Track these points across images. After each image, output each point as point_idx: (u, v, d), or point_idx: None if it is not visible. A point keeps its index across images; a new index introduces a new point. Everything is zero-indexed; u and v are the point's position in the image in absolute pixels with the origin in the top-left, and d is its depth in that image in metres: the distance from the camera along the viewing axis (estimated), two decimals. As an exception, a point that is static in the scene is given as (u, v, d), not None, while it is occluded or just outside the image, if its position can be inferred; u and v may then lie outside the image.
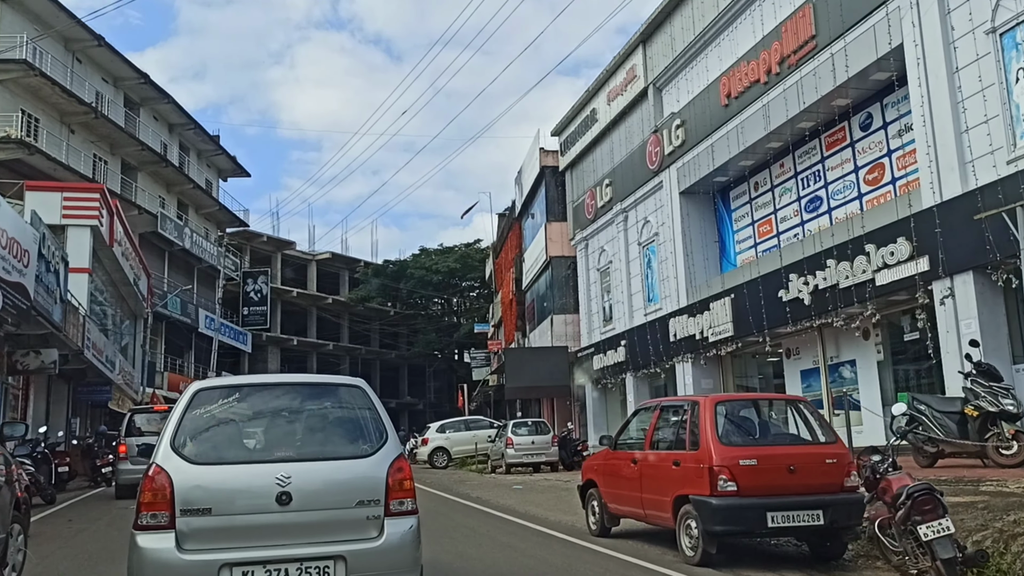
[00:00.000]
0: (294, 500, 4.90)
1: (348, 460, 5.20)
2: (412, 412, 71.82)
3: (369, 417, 5.45)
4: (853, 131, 17.85)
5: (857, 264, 15.80)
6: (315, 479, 5.03)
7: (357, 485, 5.09)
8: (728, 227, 22.72)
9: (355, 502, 5.04)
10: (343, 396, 5.62)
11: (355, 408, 5.54)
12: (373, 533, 5.03)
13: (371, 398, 5.55)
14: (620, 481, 9.11)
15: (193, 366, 48.43)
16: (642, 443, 8.88)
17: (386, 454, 5.24)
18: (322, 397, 5.69)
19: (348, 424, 5.51)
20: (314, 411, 5.61)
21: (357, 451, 5.27)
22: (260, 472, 4.99)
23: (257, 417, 5.53)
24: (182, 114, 47.78)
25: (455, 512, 13.16)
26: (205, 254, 48.72)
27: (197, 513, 4.82)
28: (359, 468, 5.16)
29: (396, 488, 5.15)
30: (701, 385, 22.23)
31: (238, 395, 5.56)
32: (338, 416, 5.57)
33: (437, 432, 30.64)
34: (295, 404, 5.61)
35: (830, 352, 18.39)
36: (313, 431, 5.52)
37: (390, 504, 5.10)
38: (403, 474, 5.22)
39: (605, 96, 27.35)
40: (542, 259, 32.29)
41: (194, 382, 5.71)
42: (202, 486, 4.89)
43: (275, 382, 6.04)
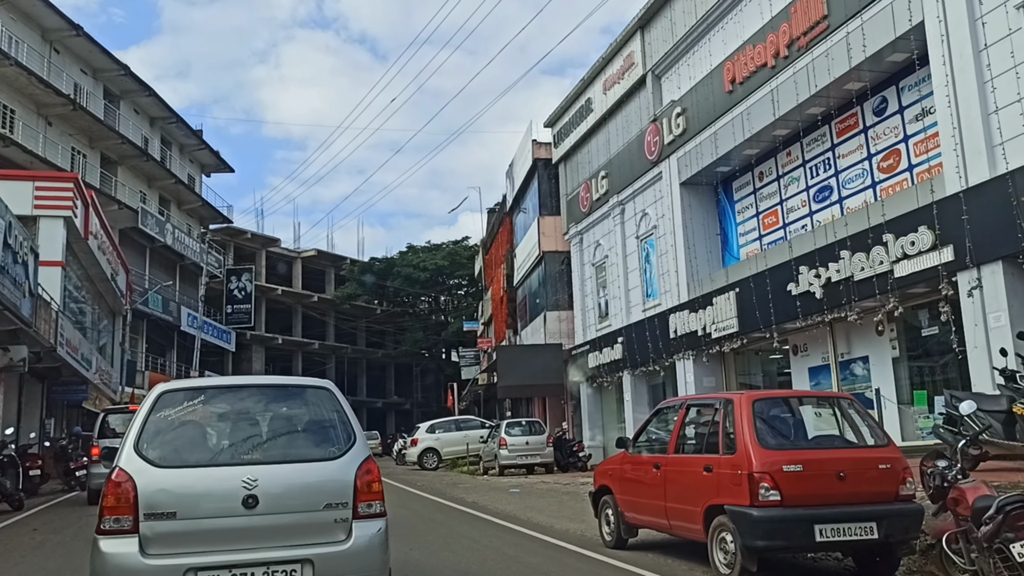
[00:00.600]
0: (261, 503, 4.86)
1: (315, 462, 5.18)
2: (399, 412, 70.90)
3: (337, 419, 5.42)
4: (866, 116, 17.02)
5: (874, 255, 14.97)
6: (282, 482, 5.00)
7: (325, 488, 5.06)
8: (731, 219, 21.88)
9: (323, 505, 5.00)
10: (310, 398, 5.58)
11: (322, 410, 5.50)
12: (341, 536, 5.01)
13: (339, 400, 5.53)
14: (640, 488, 8.23)
15: (175, 365, 47.37)
16: (666, 446, 8.00)
17: (354, 456, 5.21)
18: (289, 399, 5.64)
19: (315, 426, 5.45)
20: (281, 413, 5.56)
21: (324, 453, 5.24)
22: (226, 475, 4.94)
23: (223, 419, 5.47)
24: (164, 107, 46.67)
25: (452, 519, 12.24)
26: (188, 251, 47.69)
27: (161, 517, 4.77)
28: (327, 470, 5.14)
29: (364, 490, 5.12)
30: (703, 383, 21.38)
31: (203, 397, 5.49)
32: (305, 418, 5.51)
33: (427, 432, 29.78)
34: (261, 406, 5.55)
35: (841, 348, 17.57)
36: (280, 433, 5.47)
37: (358, 507, 5.07)
38: (371, 476, 5.19)
39: (601, 85, 26.46)
40: (535, 254, 31.40)
41: (158, 384, 5.67)
42: (167, 489, 4.84)
43: (241, 384, 6.00)
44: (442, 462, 29.23)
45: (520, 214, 35.19)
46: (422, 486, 19.77)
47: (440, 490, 18.27)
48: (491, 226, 43.98)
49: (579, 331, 28.69)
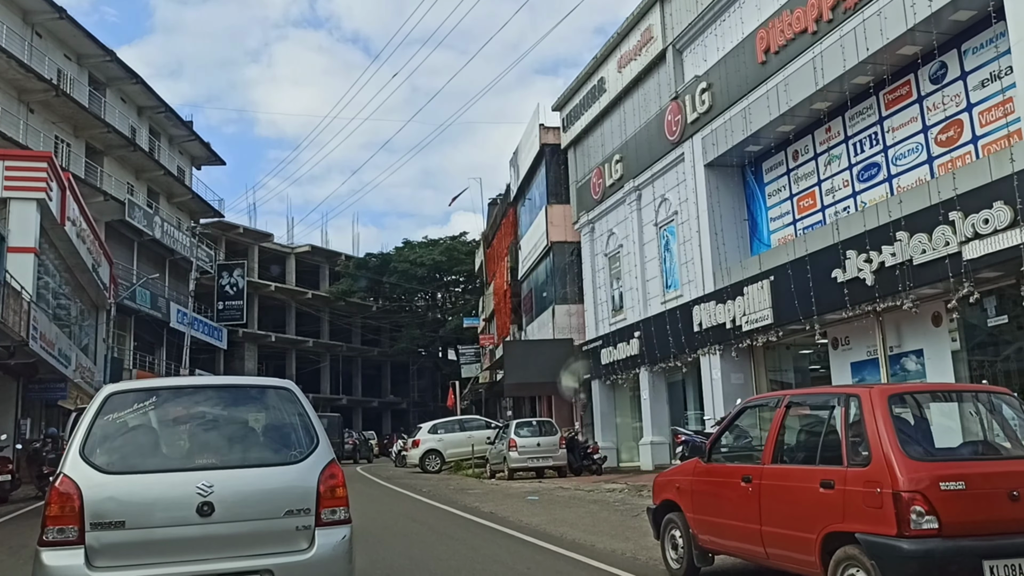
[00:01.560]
0: (216, 510, 4.66)
1: (275, 467, 4.99)
2: (395, 412, 69.29)
3: (298, 421, 5.20)
4: (921, 84, 15.43)
5: (938, 236, 13.38)
6: (239, 488, 4.79)
7: (285, 493, 4.87)
8: (760, 203, 20.28)
9: (283, 511, 4.82)
10: (270, 399, 5.35)
11: (283, 411, 5.27)
12: (303, 544, 4.82)
13: (300, 400, 5.32)
14: (722, 506, 6.61)
15: (164, 363, 45.68)
16: (759, 453, 6.38)
17: (317, 460, 5.01)
18: (247, 400, 5.42)
19: (276, 428, 5.23)
20: (238, 415, 5.31)
21: (285, 457, 5.05)
22: (179, 481, 4.72)
23: (176, 422, 5.20)
24: (152, 96, 44.93)
25: (473, 535, 10.60)
26: (177, 245, 46.02)
27: (109, 527, 4.54)
28: (287, 475, 4.94)
29: (328, 496, 4.92)
30: (731, 380, 19.80)
31: (155, 399, 5.20)
32: (265, 420, 5.28)
33: (429, 433, 28.15)
34: (218, 408, 5.28)
35: (891, 341, 15.96)
36: (237, 436, 5.22)
37: (321, 513, 4.88)
38: (335, 481, 4.99)
39: (615, 62, 24.84)
40: (542, 245, 29.76)
41: (106, 385, 5.46)
42: (115, 497, 4.60)
43: (196, 384, 5.79)
44: (445, 464, 27.60)
45: (525, 203, 33.54)
46: (429, 492, 18.14)
47: (449, 497, 16.64)
48: (493, 218, 42.32)
49: (590, 325, 27.07)
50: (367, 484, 22.90)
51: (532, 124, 31.01)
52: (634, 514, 11.76)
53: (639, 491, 14.63)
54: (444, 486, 20.45)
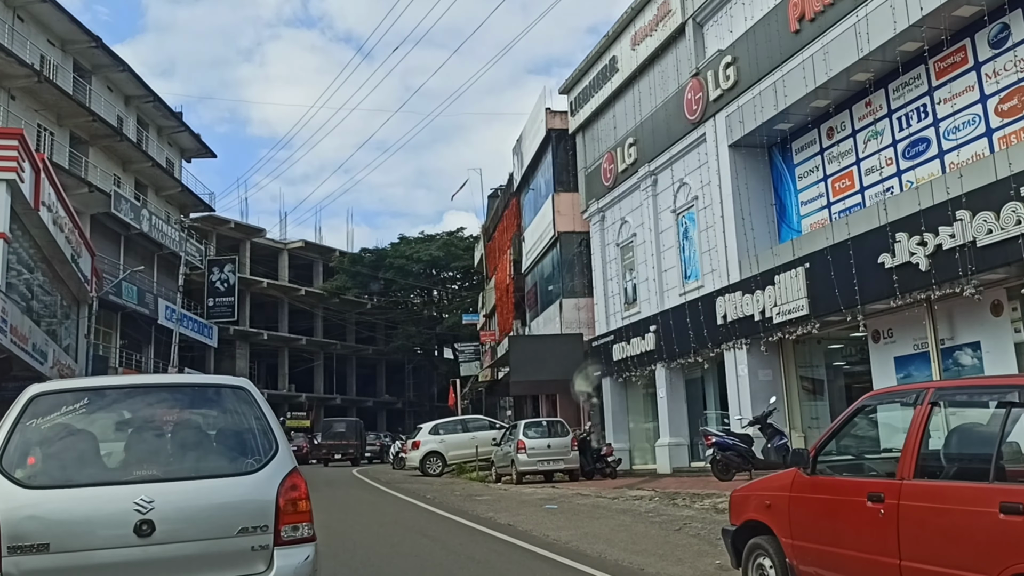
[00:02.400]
0: (158, 530, 4.11)
1: (228, 478, 4.41)
2: (391, 412, 67.84)
3: (255, 425, 4.64)
4: (979, 50, 14.00)
5: (1007, 214, 11.96)
6: (185, 503, 4.23)
7: (239, 508, 4.31)
8: (789, 186, 18.85)
9: (236, 529, 4.27)
10: (223, 400, 4.79)
11: (238, 414, 4.70)
12: (260, 567, 4.29)
13: (258, 401, 4.73)
14: (836, 531, 5.15)
15: (152, 361, 44.12)
16: (892, 464, 4.92)
17: (276, 469, 4.46)
18: (196, 402, 4.80)
19: (229, 434, 4.69)
20: (186, 419, 4.70)
21: (240, 466, 4.48)
22: (114, 496, 4.16)
23: (113, 428, 4.58)
24: (140, 85, 43.36)
25: (495, 555, 9.12)
26: (166, 239, 44.48)
27: (30, 550, 3.97)
28: (242, 487, 4.37)
29: (288, 510, 4.37)
30: (759, 377, 18.37)
31: (89, 401, 4.55)
32: (216, 424, 4.71)
33: (430, 434, 26.68)
34: (162, 411, 4.69)
35: (942, 333, 14.53)
36: (183, 444, 4.64)
37: (281, 530, 4.34)
38: (297, 493, 4.45)
39: (629, 40, 23.37)
40: (548, 235, 28.27)
41: (32, 385, 4.68)
42: (37, 516, 4.05)
43: (137, 384, 5.12)
44: (447, 467, 26.13)
45: (529, 193, 32.05)
46: (434, 499, 16.66)
47: (458, 505, 15.16)
48: (495, 209, 40.81)
49: (601, 320, 25.61)
50: (365, 489, 21.42)
51: (537, 109, 29.53)
52: (675, 527, 10.31)
53: (671, 499, 13.18)
54: (449, 492, 18.97)
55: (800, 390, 18.48)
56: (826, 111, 17.08)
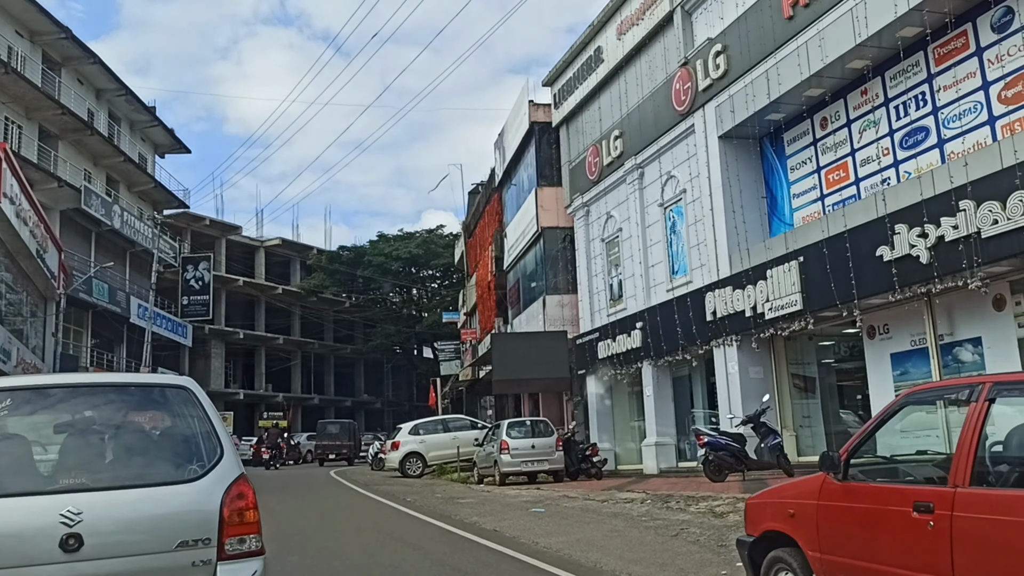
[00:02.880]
0: (86, 544, 3.72)
1: (167, 486, 4.00)
2: (369, 412, 66.98)
3: (198, 428, 4.27)
4: (981, 35, 13.52)
5: (1015, 203, 11.48)
6: (117, 515, 3.83)
7: (178, 520, 3.93)
8: (780, 178, 18.33)
9: (175, 543, 3.88)
10: (163, 401, 4.36)
11: (179, 416, 4.32)
12: None
13: (201, 402, 4.35)
14: (874, 545, 4.56)
15: (125, 361, 43.07)
16: (943, 469, 4.33)
17: (220, 476, 4.09)
18: (133, 403, 4.33)
19: (169, 438, 4.31)
20: (120, 422, 4.25)
21: (179, 474, 4.10)
22: (38, 508, 3.75)
23: (38, 432, 4.18)
24: (111, 78, 42.29)
25: (483, 566, 8.45)
26: (138, 236, 43.44)
27: None
28: (181, 497, 3.99)
29: (234, 521, 4.02)
30: (750, 374, 17.86)
31: (11, 401, 4.10)
32: (155, 427, 4.31)
33: (410, 434, 25.99)
34: (94, 413, 4.20)
35: (942, 328, 14.04)
36: (119, 449, 4.17)
37: (225, 543, 3.97)
38: (244, 502, 4.10)
39: (614, 30, 22.78)
40: (531, 231, 27.65)
41: None
42: None
43: (66, 384, 4.53)
44: (428, 468, 25.46)
45: (512, 188, 31.40)
46: (415, 503, 15.99)
47: (440, 509, 14.50)
48: (475, 206, 40.12)
49: (585, 317, 25.02)
50: (342, 491, 20.71)
51: (520, 102, 28.89)
52: (672, 533, 9.72)
53: (664, 502, 12.60)
54: (430, 494, 18.31)
55: (791, 388, 18.00)
56: (820, 100, 16.59)
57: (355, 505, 16.38)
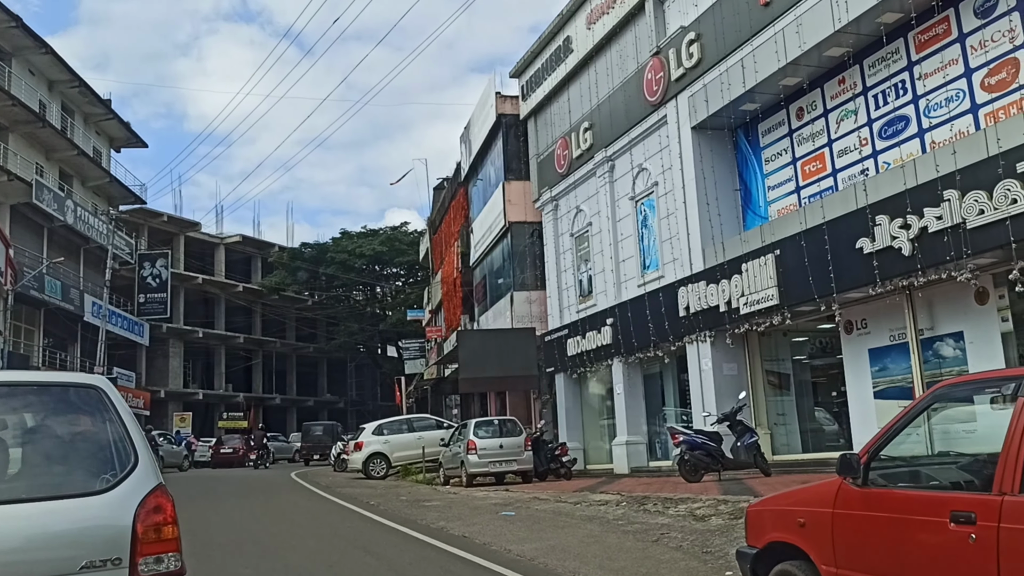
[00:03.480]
0: None
1: (71, 499, 3.54)
2: (332, 411, 65.89)
3: (109, 433, 3.81)
4: (963, 20, 13.15)
5: (1001, 193, 11.11)
6: (12, 532, 3.37)
7: (84, 537, 3.47)
8: (755, 170, 17.91)
9: (80, 564, 3.42)
10: (70, 402, 3.91)
11: (87, 420, 3.87)
12: None
13: (113, 404, 3.88)
14: (905, 560, 4.02)
15: (79, 360, 41.78)
16: (984, 475, 3.80)
17: (134, 487, 3.65)
18: (36, 404, 3.88)
19: (75, 445, 3.85)
20: (19, 425, 3.83)
21: (86, 485, 3.65)
22: None
23: None
24: (64, 69, 40.93)
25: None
26: (93, 232, 42.15)
27: None
28: (88, 511, 3.53)
29: (149, 538, 3.58)
30: (723, 371, 17.43)
31: None
32: (59, 432, 3.85)
33: (374, 434, 25.29)
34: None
35: (922, 323, 13.68)
36: (16, 457, 3.72)
37: (139, 564, 3.52)
38: (161, 516, 3.65)
39: (584, 19, 22.24)
40: (498, 226, 27.05)
41: None
42: None
43: None
44: (392, 469, 24.75)
45: (478, 183, 30.76)
46: (378, 506, 15.31)
47: (405, 513, 13.84)
48: (441, 201, 39.42)
49: (554, 314, 24.47)
50: (302, 494, 19.95)
51: (487, 94, 28.27)
52: (652, 538, 9.17)
53: (640, 504, 12.06)
54: (394, 496, 17.63)
55: (766, 385, 17.59)
56: (796, 90, 16.18)
57: (315, 509, 15.66)
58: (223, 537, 11.28)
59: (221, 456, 40.49)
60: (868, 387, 14.68)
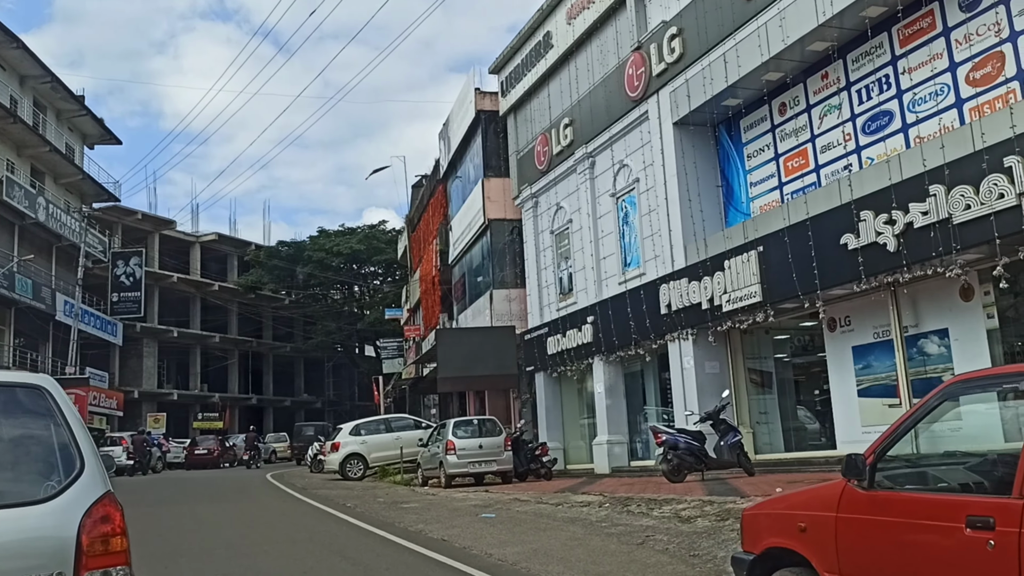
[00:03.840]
0: None
1: (9, 509, 3.27)
2: (309, 411, 65.36)
3: (53, 437, 3.54)
4: (948, 14, 13.02)
5: (988, 187, 10.96)
6: None
7: (24, 550, 3.21)
8: (736, 166, 17.74)
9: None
10: (10, 403, 3.58)
11: (29, 422, 3.59)
12: None
13: (59, 405, 3.61)
14: (917, 568, 3.77)
15: (51, 360, 41.07)
16: (1004, 477, 3.57)
17: (79, 495, 3.38)
18: None
19: (15, 450, 3.57)
20: None
21: (27, 493, 3.38)
22: None
23: None
24: (36, 64, 40.26)
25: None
26: (65, 230, 41.50)
27: None
28: (28, 521, 3.27)
29: (96, 551, 3.31)
30: (705, 369, 17.25)
31: None
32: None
33: (351, 435, 24.91)
34: None
35: (906, 320, 13.54)
36: None
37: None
38: (109, 527, 3.39)
39: (564, 13, 21.98)
40: (478, 223, 26.74)
41: None
42: None
43: None
44: (369, 470, 24.40)
45: (457, 180, 30.44)
46: (355, 508, 14.98)
47: (382, 516, 13.52)
48: (419, 199, 39.06)
49: (534, 312, 24.19)
50: (277, 496, 19.56)
51: (466, 90, 27.96)
52: (637, 541, 8.92)
53: (624, 505, 11.81)
54: (372, 498, 17.30)
55: (748, 383, 17.41)
56: (778, 85, 16.02)
57: (290, 512, 15.30)
58: (193, 542, 10.92)
59: (195, 457, 39.95)
60: (852, 385, 14.55)
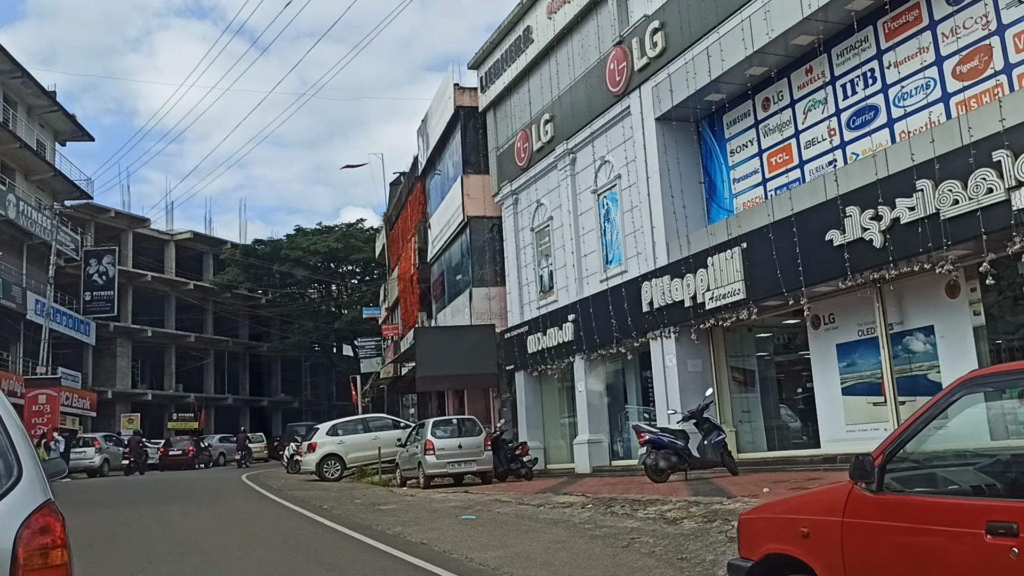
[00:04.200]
0: None
1: None
2: (286, 411, 64.77)
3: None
4: (934, 8, 12.87)
5: (975, 183, 10.81)
6: None
7: None
8: (719, 162, 17.54)
9: None
10: None
11: None
12: None
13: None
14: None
15: (21, 360, 40.39)
16: (1002, 480, 3.32)
17: (15, 505, 3.14)
18: None
19: None
20: None
21: None
22: None
23: None
24: (6, 59, 39.55)
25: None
26: (36, 227, 40.81)
27: None
28: None
29: (34, 564, 3.07)
30: (688, 367, 17.04)
31: None
32: None
33: (328, 435, 24.51)
34: None
35: (891, 317, 13.39)
36: None
37: None
38: (48, 538, 3.14)
39: (544, 8, 21.70)
40: (457, 221, 26.43)
41: None
42: None
43: None
44: (347, 471, 24.02)
45: (436, 177, 30.10)
46: (332, 511, 14.63)
47: (359, 518, 13.19)
48: (397, 196, 38.66)
49: (514, 310, 23.91)
50: (251, 499, 19.16)
51: (445, 86, 27.63)
52: (622, 543, 8.67)
53: (607, 506, 11.55)
54: (349, 500, 16.95)
55: (731, 382, 17.23)
56: (762, 80, 15.84)
57: (265, 515, 14.93)
58: (163, 547, 10.55)
59: (170, 458, 39.33)
60: (836, 383, 14.40)
